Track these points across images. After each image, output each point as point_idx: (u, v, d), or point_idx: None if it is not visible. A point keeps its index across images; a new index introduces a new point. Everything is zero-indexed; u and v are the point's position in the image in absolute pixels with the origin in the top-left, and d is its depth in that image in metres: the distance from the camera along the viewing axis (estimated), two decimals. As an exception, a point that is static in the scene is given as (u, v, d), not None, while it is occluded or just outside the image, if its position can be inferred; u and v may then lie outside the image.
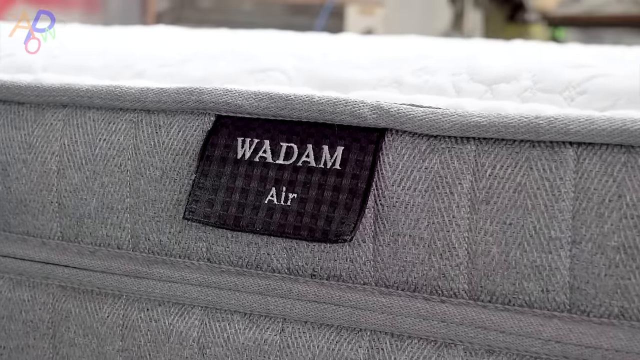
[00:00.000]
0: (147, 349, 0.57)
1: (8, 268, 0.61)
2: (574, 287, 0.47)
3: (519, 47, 0.55)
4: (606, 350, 0.46)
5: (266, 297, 0.53)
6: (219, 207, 0.53)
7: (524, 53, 0.53)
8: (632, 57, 0.50)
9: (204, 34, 0.78)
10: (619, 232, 0.46)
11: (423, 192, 0.50)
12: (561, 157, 0.47)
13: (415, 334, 0.50)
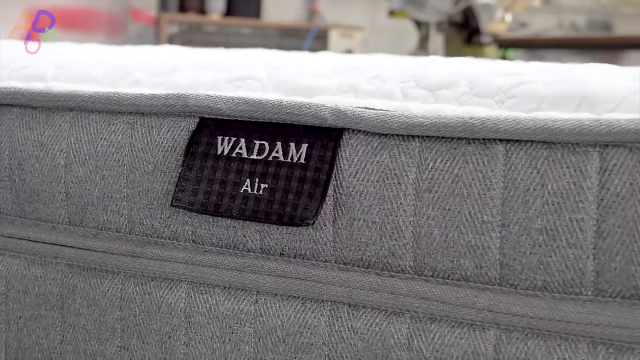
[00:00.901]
0: (141, 317, 0.57)
1: (23, 249, 0.61)
2: (503, 264, 0.47)
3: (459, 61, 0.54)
4: (531, 318, 0.46)
5: (242, 273, 0.53)
6: (202, 195, 0.53)
7: (463, 65, 0.53)
8: (555, 68, 0.50)
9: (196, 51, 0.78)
10: (542, 217, 0.46)
11: (375, 182, 0.49)
12: (492, 152, 0.47)
13: (369, 304, 0.50)
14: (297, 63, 0.56)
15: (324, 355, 0.51)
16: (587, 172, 0.45)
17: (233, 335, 0.54)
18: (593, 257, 0.45)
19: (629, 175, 0.44)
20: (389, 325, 0.50)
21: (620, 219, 0.44)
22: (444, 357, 0.48)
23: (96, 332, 0.58)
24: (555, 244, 0.46)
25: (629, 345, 0.44)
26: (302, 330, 0.52)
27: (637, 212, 0.44)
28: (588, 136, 0.44)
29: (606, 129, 0.44)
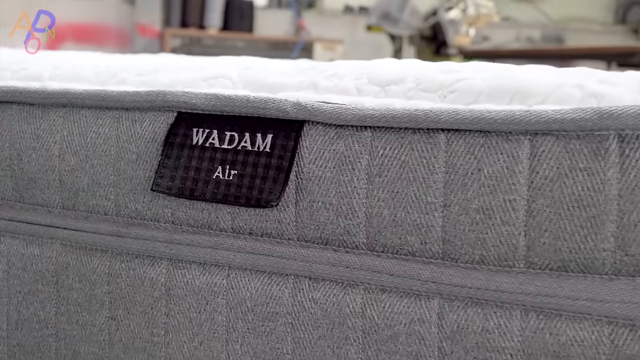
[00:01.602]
0: (127, 291, 0.56)
1: (22, 230, 0.60)
2: (445, 240, 0.47)
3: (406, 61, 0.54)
4: (470, 288, 0.46)
5: (215, 250, 0.53)
6: (179, 181, 0.52)
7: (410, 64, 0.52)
8: (491, 67, 0.50)
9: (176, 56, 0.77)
10: (479, 198, 0.45)
11: (332, 168, 0.49)
12: (435, 140, 0.47)
13: (327, 277, 0.50)
14: (264, 64, 0.56)
15: (288, 323, 0.51)
16: (519, 158, 0.44)
17: (208, 306, 0.53)
18: (524, 233, 0.45)
19: (555, 160, 0.44)
20: (345, 295, 0.49)
21: (548, 199, 0.44)
22: (394, 324, 0.48)
23: (87, 304, 0.58)
24: (490, 222, 0.45)
25: (557, 312, 0.44)
26: (269, 301, 0.51)
27: (563, 193, 0.44)
28: (519, 125, 0.44)
29: (535, 119, 0.44)
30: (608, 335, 0.43)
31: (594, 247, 0.43)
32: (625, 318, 0.43)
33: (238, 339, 0.53)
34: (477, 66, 0.50)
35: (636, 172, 0.42)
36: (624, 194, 0.42)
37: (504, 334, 0.45)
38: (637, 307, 0.43)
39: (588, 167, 0.43)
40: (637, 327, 0.43)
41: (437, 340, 0.47)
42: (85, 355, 0.58)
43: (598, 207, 0.43)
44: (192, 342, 0.54)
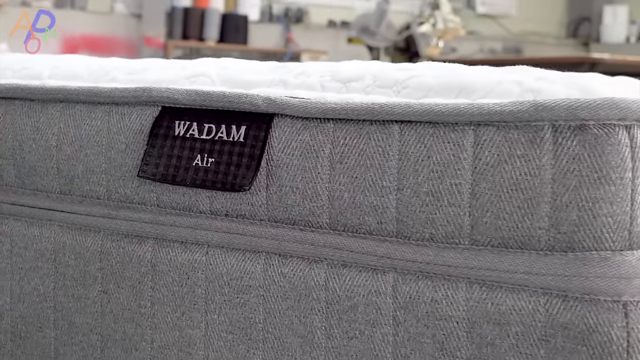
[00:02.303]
0: (117, 267, 0.56)
1: (24, 213, 0.60)
2: (399, 220, 0.46)
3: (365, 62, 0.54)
4: (420, 263, 0.46)
5: (195, 230, 0.53)
6: (162, 168, 0.52)
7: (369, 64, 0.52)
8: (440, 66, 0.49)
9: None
10: (428, 182, 0.45)
11: (298, 156, 0.49)
12: (389, 131, 0.46)
13: (295, 254, 0.50)
14: (240, 64, 0.55)
15: (260, 295, 0.51)
16: (464, 146, 0.44)
17: (189, 280, 0.53)
18: (469, 214, 0.44)
19: (496, 148, 0.43)
20: (310, 270, 0.49)
21: (489, 183, 0.44)
22: (353, 296, 0.48)
23: (82, 279, 0.57)
24: (439, 204, 0.45)
25: (498, 284, 0.44)
26: (243, 275, 0.51)
27: (503, 177, 0.43)
28: (464, 117, 0.44)
29: (478, 111, 0.43)
30: (543, 305, 0.43)
31: (531, 226, 0.43)
32: (559, 289, 0.43)
33: (216, 309, 0.52)
34: (428, 65, 0.49)
35: (568, 159, 0.42)
36: (557, 178, 0.42)
37: (451, 304, 0.45)
38: (569, 280, 0.42)
39: (525, 154, 0.43)
40: (569, 298, 0.43)
41: (391, 310, 0.47)
42: (80, 325, 0.58)
43: (534, 190, 0.43)
44: (175, 312, 0.54)
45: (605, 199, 0.41)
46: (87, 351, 0.58)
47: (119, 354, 0.56)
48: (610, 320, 0.42)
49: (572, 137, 0.42)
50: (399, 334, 0.47)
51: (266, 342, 0.51)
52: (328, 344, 0.49)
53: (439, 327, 0.45)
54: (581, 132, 0.42)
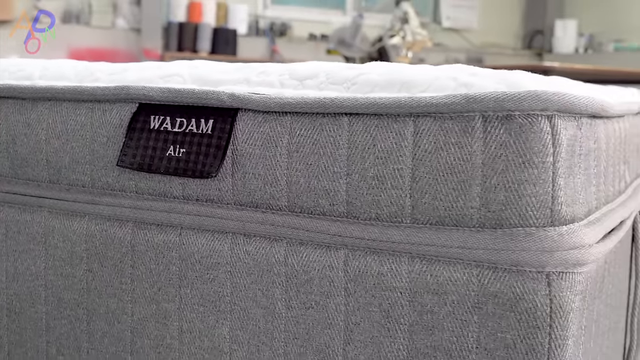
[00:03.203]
0: (100, 248, 0.55)
1: (17, 201, 0.59)
2: (348, 202, 0.46)
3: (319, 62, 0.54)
4: (368, 240, 0.46)
5: (170, 214, 0.52)
6: (139, 158, 0.52)
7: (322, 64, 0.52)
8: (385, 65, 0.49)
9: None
10: (374, 167, 0.45)
11: (260, 146, 0.49)
12: (340, 122, 0.46)
13: (258, 234, 0.50)
14: (209, 65, 0.55)
15: (227, 271, 0.50)
16: (405, 135, 0.44)
17: (164, 259, 0.53)
18: (410, 195, 0.44)
19: (433, 136, 0.43)
20: (271, 248, 0.49)
21: (427, 167, 0.44)
22: (309, 270, 0.48)
23: (69, 259, 0.57)
24: (383, 187, 0.45)
25: (436, 258, 0.44)
26: (212, 254, 0.51)
27: (439, 162, 0.43)
28: (405, 109, 0.44)
29: (417, 104, 0.43)
30: (476, 276, 0.43)
31: (464, 206, 0.43)
32: (489, 262, 0.43)
33: (188, 285, 0.52)
34: (375, 65, 0.49)
35: (496, 145, 0.42)
36: (487, 162, 0.42)
37: (395, 276, 0.45)
38: (498, 253, 0.43)
39: (458, 141, 0.43)
40: (499, 269, 0.43)
41: (343, 282, 0.47)
42: (68, 300, 0.57)
43: (466, 174, 0.43)
44: (152, 288, 0.53)
45: (529, 181, 0.42)
46: (74, 324, 0.57)
47: (103, 326, 0.56)
48: (535, 289, 0.42)
49: (500, 126, 0.42)
50: (349, 303, 0.47)
51: (233, 313, 0.50)
52: (288, 314, 0.49)
53: (384, 297, 0.46)
54: (508, 121, 0.42)
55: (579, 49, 5.64)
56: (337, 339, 0.47)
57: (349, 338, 0.47)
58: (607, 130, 0.53)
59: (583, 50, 5.62)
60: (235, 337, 0.50)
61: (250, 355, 0.50)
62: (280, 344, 0.49)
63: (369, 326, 0.46)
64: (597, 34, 5.56)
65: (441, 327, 0.44)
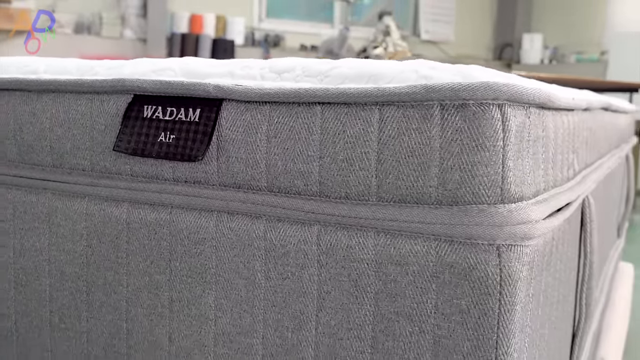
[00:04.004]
0: (99, 226, 0.55)
1: (23, 183, 0.59)
2: (321, 182, 0.46)
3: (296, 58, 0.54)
4: (338, 217, 0.46)
5: (161, 194, 0.52)
6: (133, 144, 0.52)
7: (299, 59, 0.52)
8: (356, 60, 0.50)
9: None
10: (344, 151, 0.45)
11: (242, 132, 0.49)
12: (313, 110, 0.46)
13: (239, 212, 0.50)
14: (198, 60, 0.55)
15: (213, 246, 0.51)
16: (371, 121, 0.44)
17: (156, 235, 0.53)
18: (375, 176, 0.45)
19: (396, 123, 0.44)
20: (252, 225, 0.49)
21: (391, 151, 0.44)
22: (286, 244, 0.48)
23: (70, 236, 0.57)
24: (352, 169, 0.45)
25: (399, 232, 0.45)
26: (199, 230, 0.51)
27: (402, 146, 0.44)
28: (371, 98, 0.44)
29: (382, 93, 0.44)
30: (434, 248, 0.44)
31: (423, 185, 0.43)
32: (446, 236, 0.43)
33: (177, 258, 0.52)
34: (346, 60, 0.50)
35: (452, 131, 0.42)
36: (444, 146, 0.43)
37: (362, 249, 0.46)
38: (453, 228, 0.43)
39: (419, 127, 0.43)
40: (454, 242, 0.43)
41: (316, 255, 0.47)
42: (69, 274, 0.57)
43: (425, 156, 0.43)
44: (145, 261, 0.53)
45: (481, 163, 0.42)
46: (75, 295, 0.57)
47: (100, 297, 0.56)
48: (486, 260, 0.42)
49: (456, 113, 0.42)
50: (322, 274, 0.47)
51: (218, 283, 0.51)
52: (267, 284, 0.49)
53: (353, 268, 0.46)
54: (463, 109, 0.42)
55: (544, 60, 5.66)
56: (310, 306, 0.48)
57: (321, 305, 0.47)
58: (555, 121, 0.54)
59: (548, 61, 5.64)
60: (219, 305, 0.51)
61: (233, 321, 0.50)
62: (259, 311, 0.49)
63: (339, 294, 0.46)
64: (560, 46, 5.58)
65: (403, 295, 0.45)
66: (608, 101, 0.94)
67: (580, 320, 0.71)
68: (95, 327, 0.56)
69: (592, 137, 0.78)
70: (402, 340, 0.45)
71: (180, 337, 0.52)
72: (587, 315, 0.71)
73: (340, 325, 0.47)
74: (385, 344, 0.46)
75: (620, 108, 1.20)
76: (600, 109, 0.89)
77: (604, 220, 1.04)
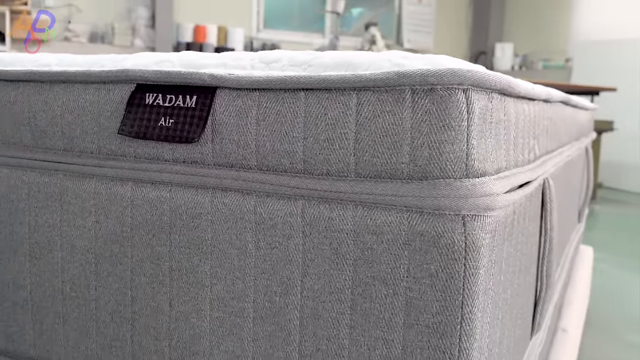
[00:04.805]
0: (105, 203, 0.55)
1: (37, 166, 0.59)
2: (305, 161, 0.46)
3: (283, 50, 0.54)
4: (320, 191, 0.46)
5: (162, 173, 0.52)
6: (136, 128, 0.52)
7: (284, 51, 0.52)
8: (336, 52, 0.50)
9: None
10: (325, 132, 0.45)
11: (233, 116, 0.49)
12: (298, 96, 0.46)
13: (232, 189, 0.50)
14: (195, 53, 0.55)
15: (208, 220, 0.51)
16: (350, 105, 0.45)
17: (157, 211, 0.53)
18: (353, 154, 0.45)
19: (372, 105, 0.44)
20: (243, 200, 0.49)
21: (368, 131, 0.44)
22: (274, 217, 0.48)
23: (80, 213, 0.57)
24: (332, 148, 0.45)
25: (375, 205, 0.45)
26: (196, 206, 0.51)
27: (377, 127, 0.44)
28: (349, 84, 0.44)
29: (359, 80, 0.44)
30: (406, 219, 0.44)
31: (396, 161, 0.44)
32: (416, 207, 0.44)
33: (177, 231, 0.52)
34: (327, 52, 0.50)
35: (422, 112, 0.43)
36: (414, 126, 0.43)
37: (342, 220, 0.46)
38: (423, 200, 0.43)
39: (392, 109, 0.43)
40: (424, 213, 0.43)
41: (301, 226, 0.47)
42: (79, 247, 0.57)
43: (398, 136, 0.43)
44: (147, 234, 0.53)
45: (448, 141, 0.42)
46: (84, 267, 0.57)
47: (107, 267, 0.56)
48: (453, 228, 0.43)
49: (425, 97, 0.43)
50: (306, 243, 0.47)
51: (213, 253, 0.51)
52: (257, 253, 0.49)
53: (334, 237, 0.46)
54: (431, 93, 0.42)
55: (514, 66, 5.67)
56: (296, 273, 0.48)
57: (305, 272, 0.47)
58: (516, 107, 0.54)
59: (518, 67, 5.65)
60: (214, 273, 0.51)
61: (227, 287, 0.50)
62: (250, 277, 0.49)
63: (322, 262, 0.47)
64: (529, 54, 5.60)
65: (379, 261, 0.45)
66: (567, 96, 0.95)
67: (541, 290, 0.71)
68: (103, 295, 0.56)
69: (552, 126, 0.79)
70: (378, 302, 0.45)
71: (180, 302, 0.53)
72: (547, 286, 0.72)
73: (323, 289, 0.47)
74: (362, 306, 0.46)
75: (580, 104, 1.20)
76: (560, 103, 0.89)
77: (565, 204, 1.04)
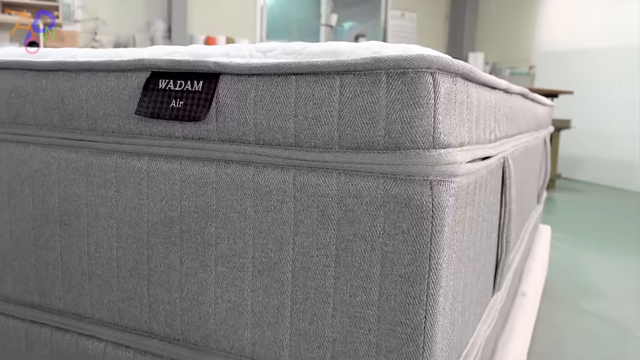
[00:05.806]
0: (125, 175, 0.56)
1: (65, 144, 0.59)
2: (296, 136, 0.47)
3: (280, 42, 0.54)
4: (309, 161, 0.47)
5: (173, 148, 0.53)
6: (151, 109, 0.52)
7: (281, 42, 0.52)
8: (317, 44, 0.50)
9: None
10: (313, 110, 0.46)
11: (234, 98, 0.49)
12: (289, 80, 0.47)
13: (234, 161, 0.50)
14: (201, 46, 0.55)
15: (213, 188, 0.51)
16: (334, 87, 0.45)
17: (169, 181, 0.53)
18: (337, 129, 0.46)
19: (353, 87, 0.45)
20: (243, 170, 0.50)
21: (349, 109, 0.45)
22: (269, 185, 0.49)
23: (103, 184, 0.57)
24: (319, 124, 0.46)
25: (355, 172, 0.46)
26: (202, 176, 0.52)
27: (357, 105, 0.45)
28: (333, 69, 0.45)
29: (342, 64, 0.45)
30: (382, 184, 0.45)
31: (373, 134, 0.45)
32: (391, 174, 0.44)
33: (186, 198, 0.53)
34: (314, 43, 0.50)
35: (395, 92, 0.43)
36: (389, 104, 0.44)
37: (327, 186, 0.47)
38: (397, 167, 0.44)
39: (370, 90, 0.44)
40: (397, 179, 0.44)
41: (292, 192, 0.48)
42: (102, 214, 0.58)
43: (375, 113, 0.44)
44: (161, 201, 0.54)
45: (417, 117, 0.43)
46: (107, 230, 0.58)
47: (127, 230, 0.57)
48: (422, 191, 0.44)
49: (398, 79, 0.43)
50: (297, 207, 0.48)
51: (217, 217, 0.52)
52: (255, 216, 0.50)
53: (321, 201, 0.47)
54: (403, 76, 0.43)
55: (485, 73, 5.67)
56: (288, 232, 0.49)
57: (296, 231, 0.48)
58: (478, 93, 0.55)
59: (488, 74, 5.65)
60: (219, 234, 0.52)
61: (229, 246, 0.51)
62: (249, 237, 0.50)
63: (310, 222, 0.48)
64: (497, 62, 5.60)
65: (359, 220, 0.46)
66: (526, 90, 0.96)
67: (501, 253, 0.73)
68: (123, 255, 0.57)
69: (512, 114, 0.80)
70: (358, 255, 0.46)
71: (189, 259, 0.53)
72: (507, 250, 0.73)
73: (311, 246, 0.48)
74: (345, 259, 0.47)
75: (538, 99, 1.21)
76: (520, 95, 0.90)
77: (525, 184, 1.05)
